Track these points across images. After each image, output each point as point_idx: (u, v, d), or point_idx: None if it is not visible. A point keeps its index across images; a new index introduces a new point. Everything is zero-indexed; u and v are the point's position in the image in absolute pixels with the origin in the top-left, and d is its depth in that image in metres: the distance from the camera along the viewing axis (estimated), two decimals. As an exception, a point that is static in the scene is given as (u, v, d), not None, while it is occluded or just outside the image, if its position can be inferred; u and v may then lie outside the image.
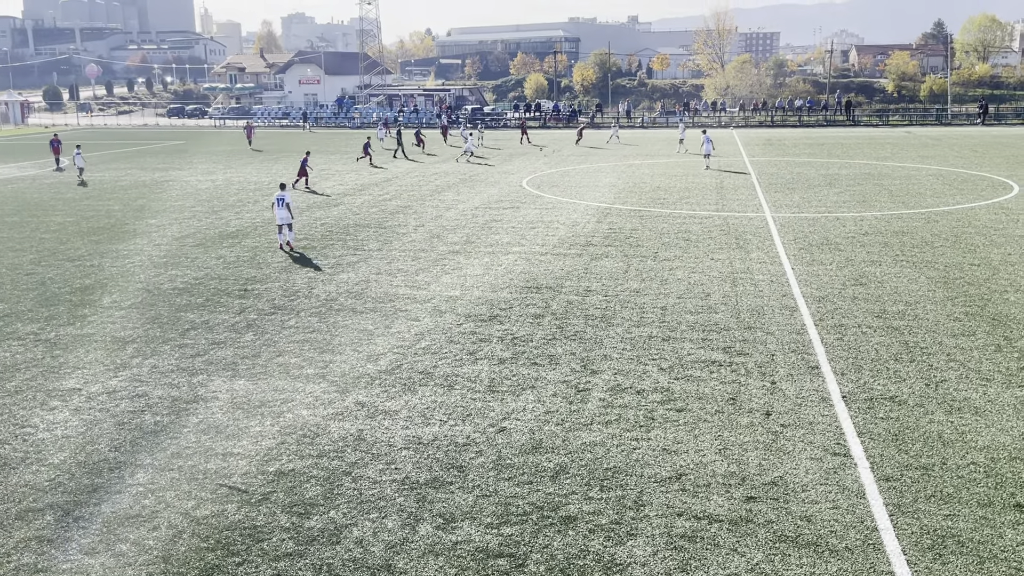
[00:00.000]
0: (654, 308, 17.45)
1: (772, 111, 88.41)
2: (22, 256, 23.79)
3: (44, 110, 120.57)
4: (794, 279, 19.62)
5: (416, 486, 10.09)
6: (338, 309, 17.84)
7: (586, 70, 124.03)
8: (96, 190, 37.90)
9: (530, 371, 13.92)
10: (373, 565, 8.50)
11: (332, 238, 25.73)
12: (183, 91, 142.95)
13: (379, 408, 12.48)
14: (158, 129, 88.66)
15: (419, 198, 33.94)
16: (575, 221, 27.92)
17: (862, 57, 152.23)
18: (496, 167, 45.01)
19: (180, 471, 10.55)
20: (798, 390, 12.87)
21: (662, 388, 13.08)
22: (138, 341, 15.87)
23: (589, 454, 10.86)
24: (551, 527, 9.14)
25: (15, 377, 14.03)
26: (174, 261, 22.87)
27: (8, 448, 11.28)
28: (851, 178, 38.17)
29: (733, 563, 8.44)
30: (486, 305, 17.91)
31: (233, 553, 8.74)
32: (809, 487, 9.90)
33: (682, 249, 23.22)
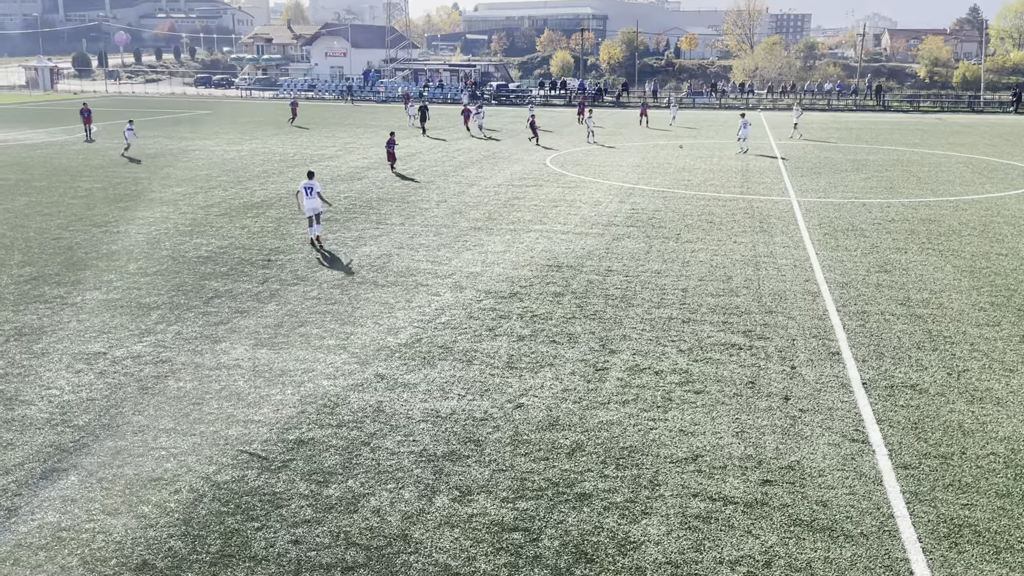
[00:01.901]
0: (675, 290, 17.41)
1: (800, 94, 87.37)
2: (50, 220, 24.07)
3: (73, 76, 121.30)
4: (818, 264, 19.49)
5: (433, 458, 10.19)
6: (360, 282, 17.94)
7: (613, 48, 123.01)
8: (123, 158, 38.17)
9: (549, 349, 13.96)
10: (389, 534, 8.61)
11: (355, 211, 25.82)
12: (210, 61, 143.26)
13: (398, 381, 12.58)
14: (185, 98, 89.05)
15: (442, 174, 33.94)
16: (598, 200, 27.83)
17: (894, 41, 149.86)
18: (520, 145, 44.87)
19: (202, 436, 10.71)
20: (818, 375, 12.83)
21: (681, 370, 13.08)
22: (163, 308, 16.05)
23: (606, 433, 10.91)
24: (566, 503, 9.21)
25: (42, 339, 14.25)
26: (199, 230, 23.05)
27: (34, 409, 11.49)
28: (879, 164, 37.73)
29: (747, 545, 8.47)
30: (506, 282, 17.94)
31: (253, 518, 8.88)
32: (826, 472, 9.90)
33: (705, 231, 23.10)
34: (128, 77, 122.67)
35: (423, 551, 8.33)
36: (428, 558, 8.22)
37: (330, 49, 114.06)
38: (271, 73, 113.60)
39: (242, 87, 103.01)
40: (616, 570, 8.06)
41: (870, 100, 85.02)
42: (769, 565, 8.14)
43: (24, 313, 15.66)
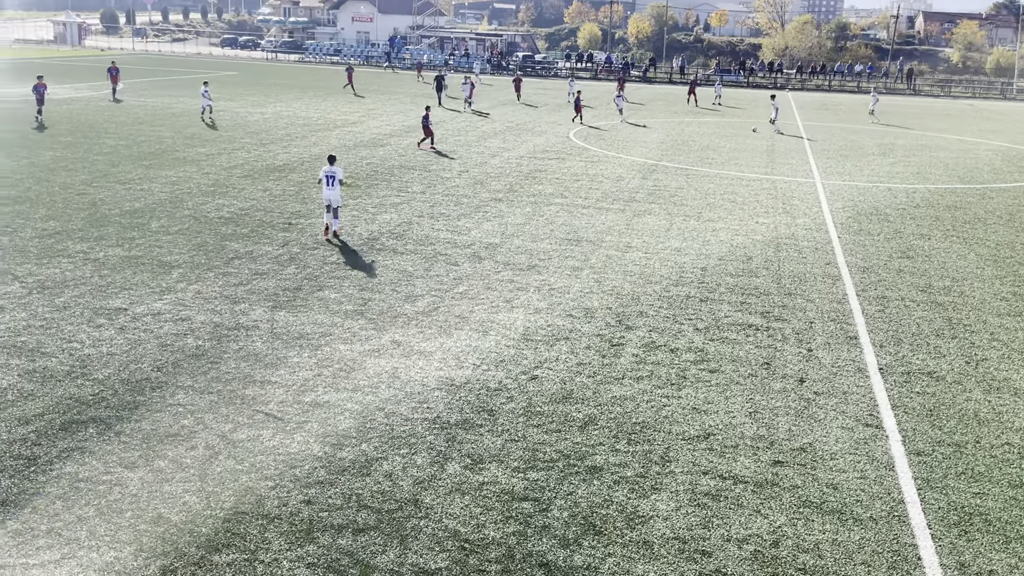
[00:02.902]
0: (694, 268, 17.34)
1: (830, 75, 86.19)
2: (75, 176, 24.24)
3: (101, 33, 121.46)
4: (839, 248, 19.34)
5: (447, 426, 10.26)
6: (379, 249, 17.99)
7: (642, 22, 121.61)
8: (148, 116, 38.30)
9: (565, 322, 13.97)
10: (401, 499, 8.70)
11: (377, 178, 25.82)
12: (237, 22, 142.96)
13: (414, 348, 12.64)
14: (211, 58, 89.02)
15: (465, 143, 33.83)
16: (620, 176, 27.68)
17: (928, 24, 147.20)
18: (544, 117, 44.61)
19: (219, 395, 10.83)
20: (834, 359, 12.78)
21: (696, 348, 13.06)
22: (184, 266, 16.18)
23: (619, 408, 10.94)
24: (576, 475, 9.26)
25: (64, 293, 14.42)
26: (221, 191, 23.15)
27: (55, 361, 11.65)
28: (907, 148, 37.25)
29: (755, 524, 8.50)
30: (525, 254, 17.93)
31: (266, 477, 9.00)
32: (838, 456, 9.89)
33: (727, 211, 22.95)
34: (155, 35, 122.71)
35: (433, 516, 8.42)
36: (438, 523, 8.31)
37: (357, 14, 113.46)
38: (297, 36, 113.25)
39: (268, 49, 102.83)
40: (624, 543, 8.12)
41: (901, 83, 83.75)
42: (777, 545, 8.18)
43: (47, 267, 15.83)
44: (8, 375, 11.15)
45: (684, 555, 7.97)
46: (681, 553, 8.00)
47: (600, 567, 7.76)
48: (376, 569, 7.60)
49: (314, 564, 7.63)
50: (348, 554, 7.79)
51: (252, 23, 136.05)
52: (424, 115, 32.53)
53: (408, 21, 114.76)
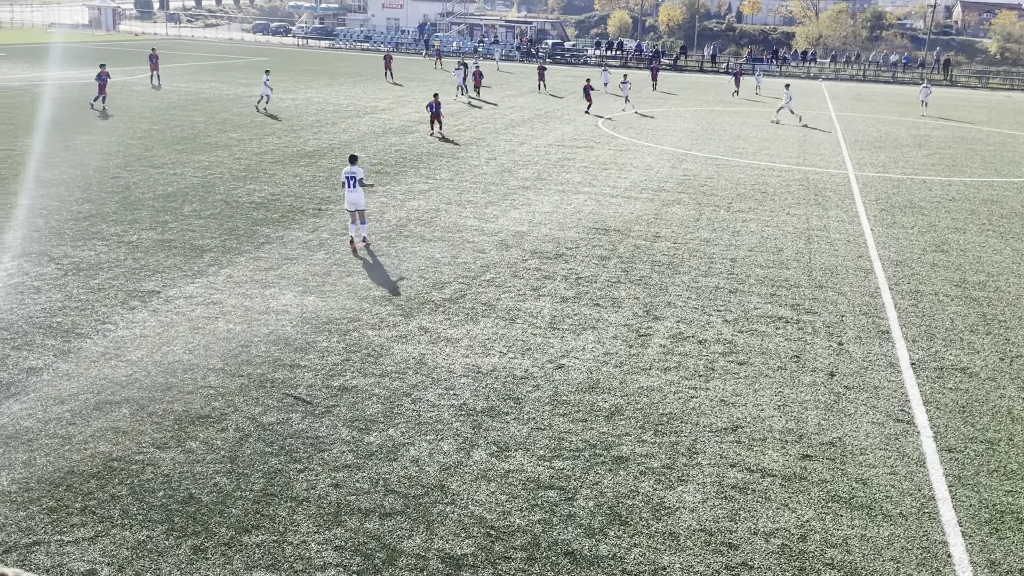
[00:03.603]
0: (723, 259, 17.22)
1: (865, 65, 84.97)
2: (109, 160, 24.53)
3: (135, 18, 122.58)
4: (872, 240, 19.11)
5: (473, 413, 10.30)
6: (407, 235, 18.05)
7: (673, 10, 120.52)
8: (181, 101, 38.63)
9: (592, 312, 13.94)
10: (427, 484, 8.75)
11: (405, 165, 25.88)
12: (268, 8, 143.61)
13: (441, 335, 12.69)
14: (243, 44, 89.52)
15: (493, 131, 33.78)
16: (649, 165, 27.52)
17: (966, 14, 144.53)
18: (573, 105, 44.40)
19: (249, 378, 10.94)
20: (865, 353, 12.65)
21: (725, 340, 12.99)
22: (215, 250, 16.34)
23: (645, 398, 10.91)
24: (602, 465, 9.26)
25: (98, 275, 14.62)
26: (252, 176, 23.32)
27: (89, 342, 11.83)
28: (942, 140, 36.66)
29: (783, 518, 8.45)
30: (552, 243, 17.91)
31: (296, 460, 9.09)
32: (868, 451, 9.80)
33: (757, 201, 22.75)
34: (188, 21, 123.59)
35: (459, 502, 8.46)
36: (464, 509, 8.35)
37: (387, 1, 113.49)
38: (328, 23, 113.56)
39: (299, 36, 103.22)
40: (650, 534, 8.11)
41: (937, 74, 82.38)
42: (804, 539, 8.13)
43: (82, 249, 16.06)
44: (44, 355, 11.34)
45: (710, 547, 7.96)
46: (707, 545, 7.98)
47: (626, 557, 7.76)
48: (402, 553, 7.66)
49: (341, 547, 7.71)
50: (375, 538, 7.86)
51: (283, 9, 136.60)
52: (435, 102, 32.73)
53: (438, 8, 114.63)
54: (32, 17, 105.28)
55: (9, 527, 7.77)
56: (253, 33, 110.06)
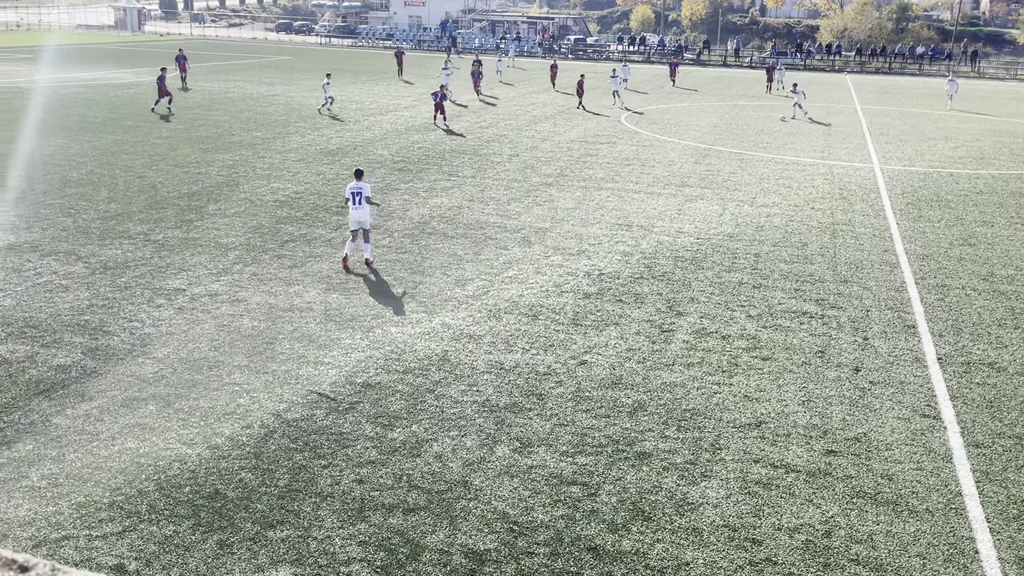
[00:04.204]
0: (747, 254, 17.13)
1: (890, 57, 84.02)
2: (135, 159, 24.80)
3: (160, 18, 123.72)
4: (898, 234, 18.92)
5: (496, 409, 10.32)
6: (430, 232, 18.10)
7: (696, 4, 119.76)
8: (206, 100, 38.96)
9: (615, 308, 13.92)
10: (451, 480, 8.79)
11: (428, 162, 25.95)
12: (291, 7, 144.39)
13: (464, 331, 12.72)
14: (266, 43, 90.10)
15: (515, 128, 33.78)
16: (672, 160, 27.40)
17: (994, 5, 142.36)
18: (594, 101, 44.26)
19: (274, 375, 11.04)
20: (891, 348, 12.53)
21: (749, 335, 12.92)
22: (240, 248, 16.48)
23: (668, 394, 10.88)
24: (625, 461, 9.25)
25: (125, 274, 14.80)
26: (276, 174, 23.49)
27: (116, 340, 11.98)
28: (970, 133, 36.18)
29: (807, 513, 8.40)
30: (575, 239, 17.89)
31: (320, 456, 9.16)
32: (893, 446, 9.72)
33: (781, 196, 22.59)
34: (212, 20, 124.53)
35: (483, 498, 8.49)
36: (487, 505, 8.38)
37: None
38: (350, 21, 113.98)
39: (322, 34, 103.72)
40: (673, 529, 8.10)
41: (964, 66, 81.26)
42: (829, 535, 8.08)
43: (109, 248, 16.26)
44: (72, 353, 11.50)
45: (734, 543, 7.93)
46: (731, 541, 7.96)
47: (649, 552, 7.75)
48: (426, 549, 7.70)
49: (366, 542, 7.76)
50: (399, 533, 7.91)
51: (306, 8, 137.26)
52: (441, 93, 33.40)
53: (460, 5, 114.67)
54: (59, 19, 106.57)
55: (39, 522, 7.90)
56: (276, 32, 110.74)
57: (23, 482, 8.49)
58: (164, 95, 34.58)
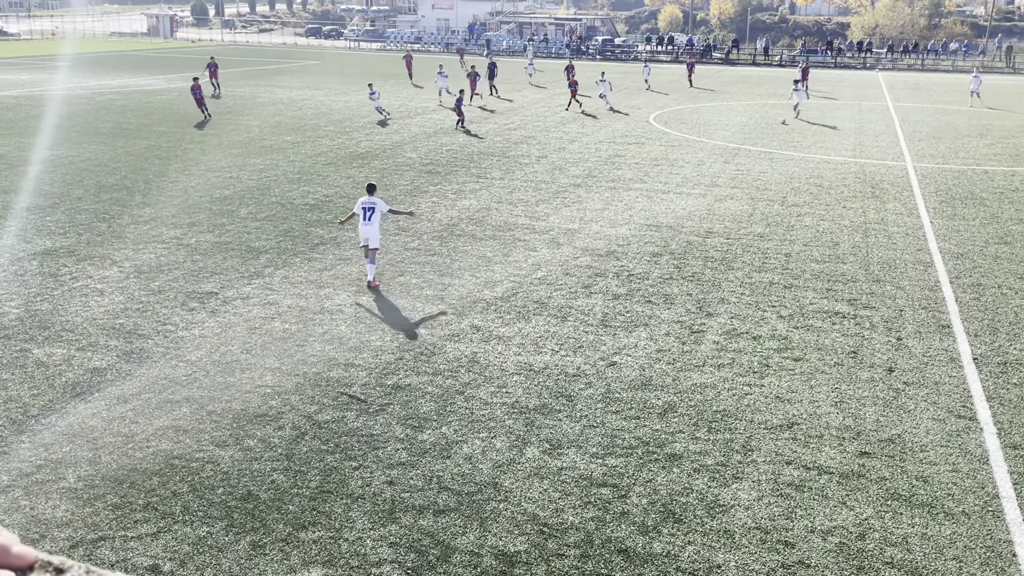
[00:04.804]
0: (778, 254, 16.98)
1: (923, 54, 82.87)
2: (168, 165, 25.13)
3: (191, 25, 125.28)
4: (932, 233, 18.65)
5: (525, 411, 10.32)
6: (459, 234, 18.15)
7: (724, 3, 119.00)
8: (237, 105, 39.39)
9: (644, 309, 13.87)
10: (480, 481, 8.80)
11: (456, 164, 26.02)
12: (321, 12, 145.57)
13: (493, 333, 12.74)
14: (296, 48, 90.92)
15: (543, 129, 33.77)
16: (701, 160, 27.24)
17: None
18: (623, 102, 44.12)
19: (305, 377, 11.13)
20: (925, 348, 12.36)
21: (780, 336, 12.80)
22: (271, 252, 16.64)
23: (699, 395, 10.82)
24: (656, 463, 9.21)
25: (159, 277, 15.00)
26: (306, 178, 23.68)
27: (151, 343, 12.15)
28: (1005, 130, 35.57)
29: (841, 516, 8.31)
30: (604, 240, 17.84)
31: (351, 457, 9.22)
32: (928, 448, 9.58)
33: (812, 195, 22.36)
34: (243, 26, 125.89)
35: (512, 500, 8.50)
36: (517, 507, 8.38)
37: (437, 1, 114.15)
38: (379, 24, 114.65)
39: (351, 38, 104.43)
40: (704, 531, 8.05)
41: (999, 62, 79.94)
42: (863, 538, 7.98)
43: (143, 252, 16.49)
44: (107, 356, 11.68)
45: (766, 545, 7.86)
46: (763, 543, 7.89)
47: (680, 555, 7.71)
48: (456, 550, 7.72)
49: (396, 544, 7.80)
50: (429, 535, 7.94)
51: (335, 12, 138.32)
52: (458, 98, 33.30)
53: (488, 7, 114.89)
54: (93, 27, 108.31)
55: (76, 523, 8.03)
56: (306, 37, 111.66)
57: (60, 483, 8.64)
58: (201, 104, 34.46)
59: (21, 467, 8.90)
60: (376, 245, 14.54)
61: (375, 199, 14.64)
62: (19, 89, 44.06)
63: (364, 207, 14.54)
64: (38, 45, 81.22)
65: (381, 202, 14.66)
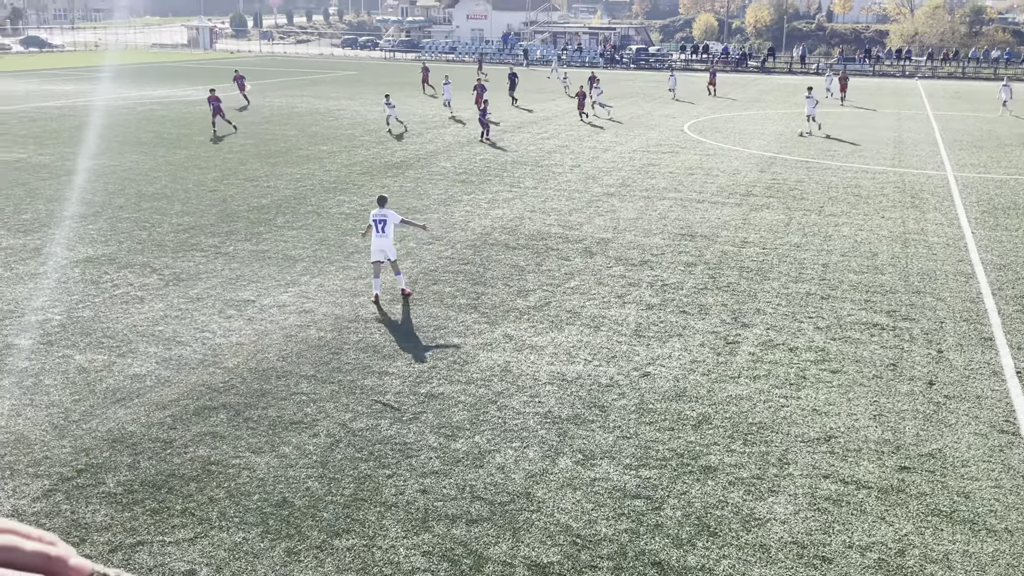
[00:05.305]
0: (815, 264, 16.79)
1: (964, 62, 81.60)
2: (207, 174, 25.51)
3: (230, 36, 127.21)
4: (973, 244, 18.32)
5: (558, 421, 10.30)
6: (492, 243, 18.19)
7: (760, 11, 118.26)
8: (274, 116, 39.91)
9: (678, 319, 13.78)
10: (513, 491, 8.79)
11: (489, 174, 26.09)
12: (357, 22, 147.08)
13: (526, 342, 12.73)
14: (332, 59, 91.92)
15: (577, 138, 33.76)
16: (736, 169, 27.05)
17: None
18: (658, 110, 43.97)
19: (339, 384, 11.21)
20: (967, 361, 12.13)
21: (817, 347, 12.65)
22: (307, 260, 16.80)
23: (734, 407, 10.71)
24: (690, 475, 9.13)
25: (197, 285, 15.21)
26: (342, 187, 23.90)
27: (189, 350, 12.31)
28: (1050, 139, 34.87)
29: (880, 531, 8.17)
30: (637, 249, 17.77)
31: (384, 465, 9.26)
32: (970, 463, 9.39)
33: (850, 205, 22.10)
34: (280, 38, 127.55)
35: (545, 510, 8.47)
36: (550, 517, 8.35)
37: (471, 11, 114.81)
38: (414, 35, 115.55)
39: (386, 49, 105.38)
40: (740, 545, 7.96)
41: (1043, 69, 78.37)
42: (903, 554, 7.84)
43: (182, 260, 16.74)
44: (147, 362, 11.86)
45: (803, 560, 7.75)
46: (800, 558, 7.78)
47: (715, 569, 7.63)
48: (489, 560, 7.71)
49: (429, 552, 7.81)
50: (462, 544, 7.94)
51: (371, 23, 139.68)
52: (482, 109, 33.11)
53: (522, 17, 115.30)
54: (135, 38, 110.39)
55: (115, 527, 8.14)
56: (342, 48, 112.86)
57: (100, 488, 8.77)
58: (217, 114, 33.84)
59: (62, 472, 9.06)
60: (394, 256, 14.37)
61: (386, 211, 14.37)
62: (63, 100, 45.04)
63: (376, 219, 14.26)
64: (81, 57, 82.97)
65: (392, 213, 14.46)
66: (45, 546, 0.75)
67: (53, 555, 0.74)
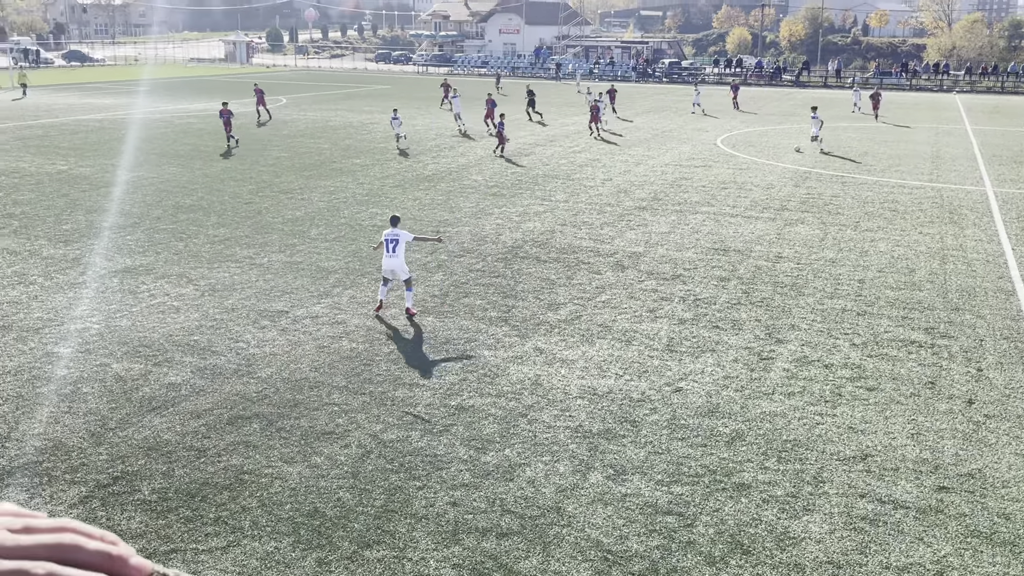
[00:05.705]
0: (851, 280, 16.58)
1: (1003, 76, 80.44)
2: (242, 186, 25.83)
3: (266, 51, 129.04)
4: (1014, 260, 18.00)
5: (589, 435, 10.24)
6: (523, 256, 18.20)
7: (795, 25, 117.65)
8: (309, 129, 40.35)
9: (711, 334, 13.67)
10: (543, 505, 8.75)
11: (521, 187, 26.14)
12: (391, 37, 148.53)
13: (557, 356, 12.70)
14: (366, 73, 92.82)
15: (608, 152, 33.73)
16: (770, 183, 26.84)
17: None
18: (690, 124, 43.80)
19: (371, 396, 11.25)
20: (1008, 380, 11.89)
21: (853, 364, 12.47)
22: (339, 272, 16.92)
23: (768, 424, 10.59)
24: (723, 492, 9.03)
25: (232, 296, 15.38)
26: (375, 200, 24.07)
27: (223, 359, 12.44)
28: (1092, 154, 34.22)
29: (917, 552, 8.02)
30: (670, 264, 17.68)
31: (415, 477, 9.26)
32: (1011, 484, 9.19)
33: (887, 220, 21.82)
34: (315, 52, 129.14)
35: (576, 525, 8.42)
36: (580, 532, 8.30)
37: (504, 26, 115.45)
38: (447, 50, 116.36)
39: (419, 63, 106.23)
40: (774, 564, 7.84)
41: (1085, 83, 76.99)
42: (941, 575, 7.68)
43: (217, 271, 16.94)
44: (182, 372, 12.00)
45: (838, 581, 7.61)
46: (835, 578, 7.64)
47: (747, 587, 7.52)
48: (519, 574, 7.67)
49: (459, 565, 7.79)
50: (492, 557, 7.91)
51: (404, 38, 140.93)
52: (500, 122, 32.99)
53: (554, 31, 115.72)
54: (174, 53, 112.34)
55: (149, 535, 8.22)
56: (376, 62, 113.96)
57: (135, 496, 8.87)
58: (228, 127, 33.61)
59: (99, 479, 9.17)
60: (405, 275, 14.30)
61: (398, 231, 14.33)
62: (103, 113, 45.91)
63: (387, 239, 14.26)
64: (121, 71, 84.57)
65: (404, 232, 14.42)
66: (107, 545, 0.77)
67: (115, 554, 0.76)
